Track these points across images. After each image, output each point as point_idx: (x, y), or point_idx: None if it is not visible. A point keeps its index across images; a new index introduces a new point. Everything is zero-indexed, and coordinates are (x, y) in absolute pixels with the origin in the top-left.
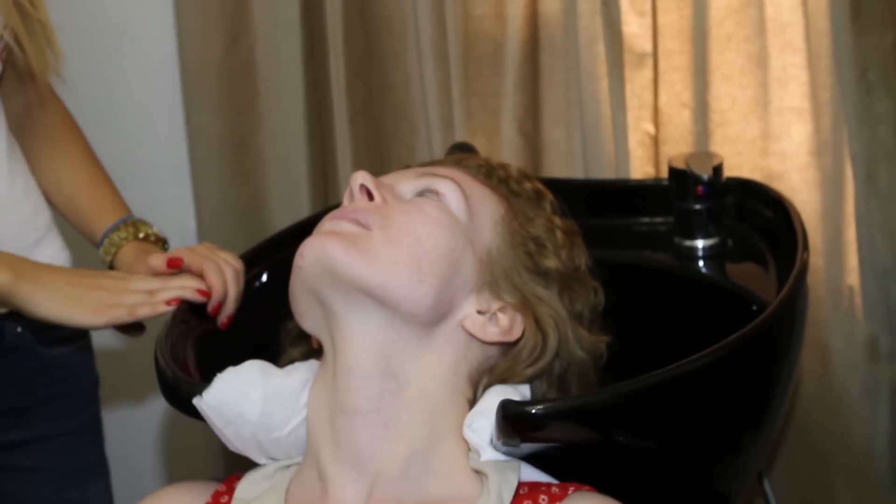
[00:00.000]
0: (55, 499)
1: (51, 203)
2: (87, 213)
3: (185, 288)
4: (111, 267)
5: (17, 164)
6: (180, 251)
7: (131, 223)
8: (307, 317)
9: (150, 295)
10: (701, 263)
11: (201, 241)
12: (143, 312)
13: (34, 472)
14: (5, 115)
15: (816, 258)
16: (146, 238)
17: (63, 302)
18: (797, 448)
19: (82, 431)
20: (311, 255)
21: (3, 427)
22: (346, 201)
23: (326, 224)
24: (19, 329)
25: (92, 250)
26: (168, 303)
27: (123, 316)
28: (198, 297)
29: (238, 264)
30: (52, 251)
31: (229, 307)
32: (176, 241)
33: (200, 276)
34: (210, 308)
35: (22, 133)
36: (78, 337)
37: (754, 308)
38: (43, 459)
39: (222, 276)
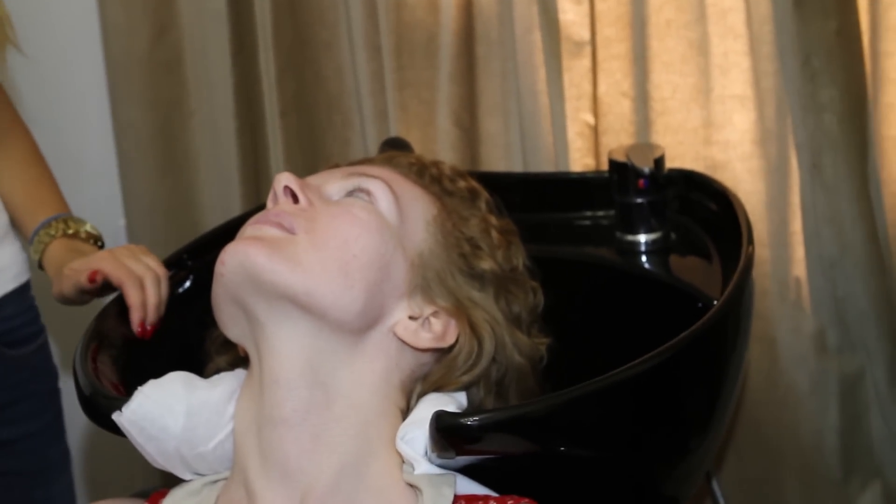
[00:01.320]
0: (24, 500)
1: None
2: (21, 212)
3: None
4: (40, 266)
5: None
6: (99, 260)
7: (62, 220)
8: (231, 325)
9: None
10: (644, 258)
11: (131, 239)
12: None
13: (2, 477)
14: None
15: (762, 249)
16: (76, 235)
17: None
18: (745, 445)
19: (47, 430)
20: (232, 261)
21: None
22: (269, 204)
23: (249, 229)
24: None
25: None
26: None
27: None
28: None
29: (161, 270)
30: (13, 251)
31: (150, 316)
32: (106, 239)
33: (120, 287)
34: (133, 323)
35: None
36: (38, 332)
37: (699, 305)
38: (10, 464)
39: (141, 289)
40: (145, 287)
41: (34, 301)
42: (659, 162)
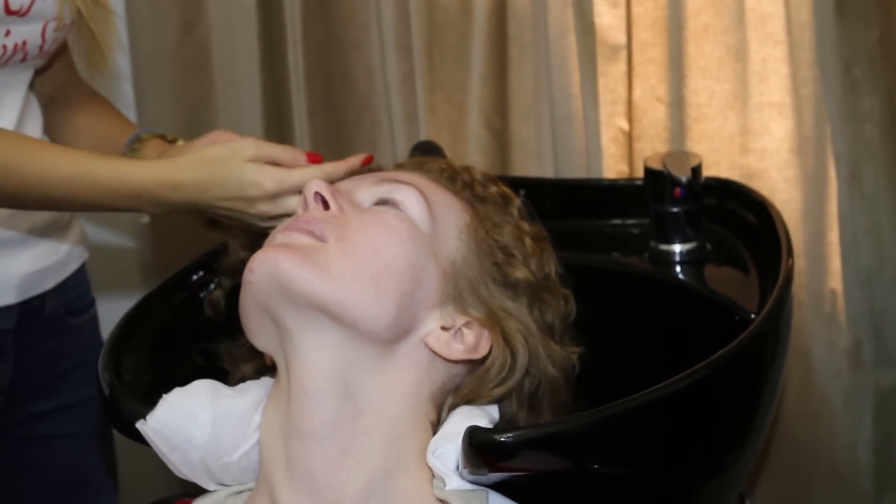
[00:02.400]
0: (80, 463)
1: None
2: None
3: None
4: None
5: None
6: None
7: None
8: (259, 334)
9: None
10: (678, 269)
11: (153, 239)
12: None
13: (61, 440)
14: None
15: (797, 260)
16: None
17: None
18: (777, 458)
19: None
20: (261, 269)
21: (35, 398)
22: (299, 210)
23: (278, 236)
24: (55, 303)
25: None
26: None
27: None
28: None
29: None
30: (79, 231)
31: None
32: (129, 237)
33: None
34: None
35: (54, 106)
36: (92, 302)
37: (736, 318)
38: (68, 427)
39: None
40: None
41: (87, 273)
42: (696, 171)
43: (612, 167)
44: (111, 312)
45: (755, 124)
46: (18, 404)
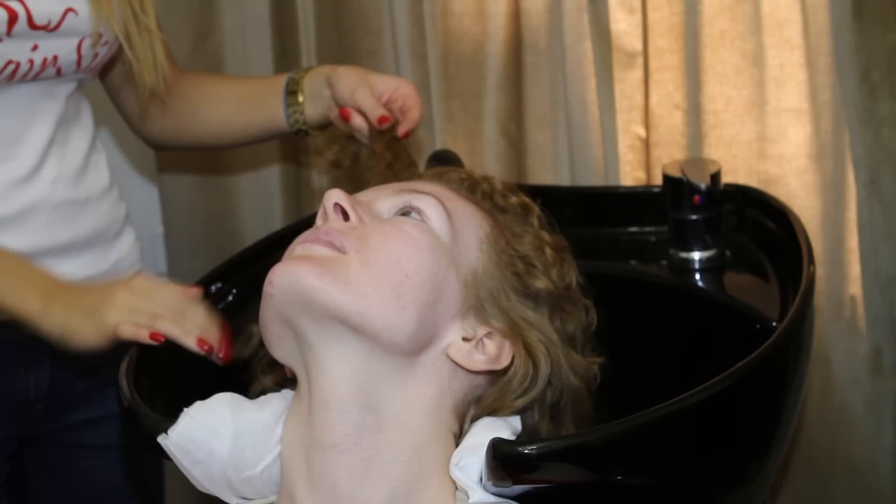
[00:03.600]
0: (121, 474)
1: (222, 142)
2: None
3: (188, 334)
4: (298, 101)
5: (100, 156)
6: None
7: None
8: (279, 346)
9: (151, 318)
10: (698, 276)
11: (169, 247)
12: (126, 333)
13: (104, 450)
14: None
15: (816, 267)
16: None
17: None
18: (797, 466)
19: None
20: (281, 282)
21: (77, 406)
22: (319, 221)
23: (298, 248)
24: None
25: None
26: (152, 335)
27: (128, 336)
28: (194, 348)
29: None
30: (130, 240)
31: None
32: (144, 247)
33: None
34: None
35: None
36: None
37: (757, 326)
38: (111, 437)
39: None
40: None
41: None
42: (715, 178)
43: (630, 174)
44: None
45: (773, 130)
46: (59, 412)
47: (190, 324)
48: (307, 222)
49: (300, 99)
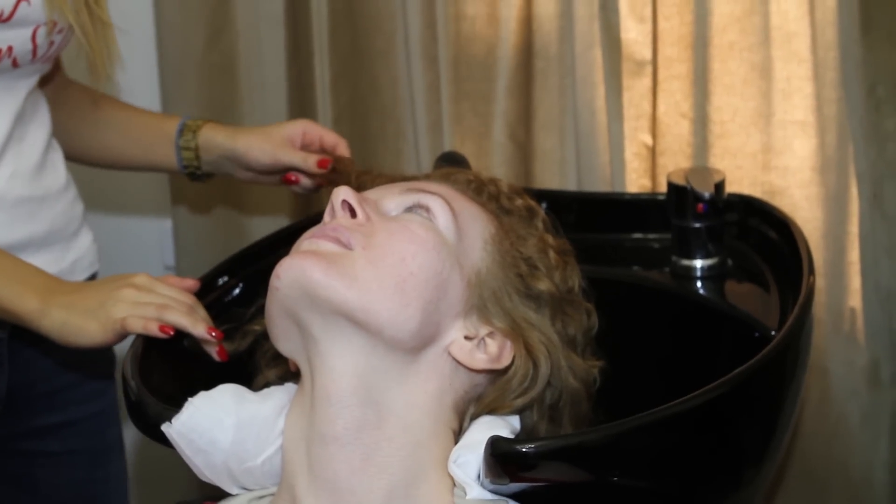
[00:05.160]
0: (87, 479)
1: (103, 164)
2: (154, 135)
3: (197, 322)
4: (196, 153)
5: (57, 154)
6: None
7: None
8: (284, 340)
9: (159, 310)
10: (699, 284)
11: (177, 240)
12: (134, 326)
13: (68, 456)
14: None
15: (818, 279)
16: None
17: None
18: (793, 476)
19: (107, 411)
20: (287, 276)
21: (40, 411)
22: (326, 217)
23: (305, 242)
24: None
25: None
26: (161, 328)
27: (136, 329)
28: (205, 336)
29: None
30: (87, 241)
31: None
32: (152, 241)
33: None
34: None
35: (54, 111)
36: None
37: (756, 335)
38: (75, 442)
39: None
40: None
41: None
42: (719, 187)
43: (635, 181)
44: None
45: (778, 142)
46: (19, 416)
47: (197, 314)
48: (314, 219)
49: (196, 162)
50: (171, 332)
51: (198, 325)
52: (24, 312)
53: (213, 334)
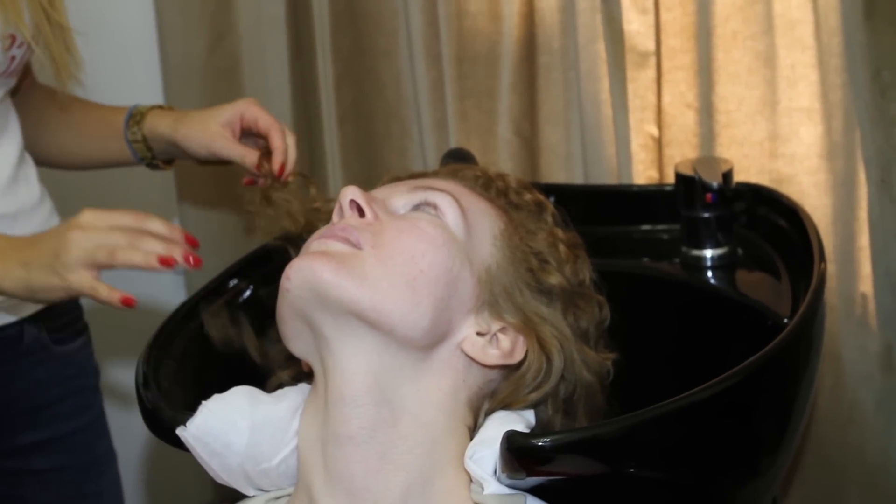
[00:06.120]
0: (77, 494)
1: (70, 166)
2: (106, 130)
3: (149, 256)
4: (146, 145)
5: (30, 168)
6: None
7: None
8: (296, 341)
9: (109, 254)
10: (710, 274)
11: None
12: (88, 290)
13: (55, 472)
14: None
15: (828, 265)
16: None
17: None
18: (809, 463)
19: (94, 425)
20: (298, 276)
21: (23, 428)
22: (335, 217)
23: (314, 243)
24: (37, 331)
25: None
26: (124, 301)
27: (87, 292)
28: (158, 268)
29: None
30: None
31: (289, 165)
32: None
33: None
34: (274, 163)
35: (24, 117)
36: (83, 329)
37: (769, 324)
38: (62, 458)
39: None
40: (286, 135)
41: (79, 299)
42: (727, 176)
43: (643, 173)
44: (147, 321)
45: (784, 130)
46: (3, 434)
47: (150, 244)
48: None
49: (149, 153)
50: (133, 304)
51: (150, 259)
52: None
53: (170, 263)
